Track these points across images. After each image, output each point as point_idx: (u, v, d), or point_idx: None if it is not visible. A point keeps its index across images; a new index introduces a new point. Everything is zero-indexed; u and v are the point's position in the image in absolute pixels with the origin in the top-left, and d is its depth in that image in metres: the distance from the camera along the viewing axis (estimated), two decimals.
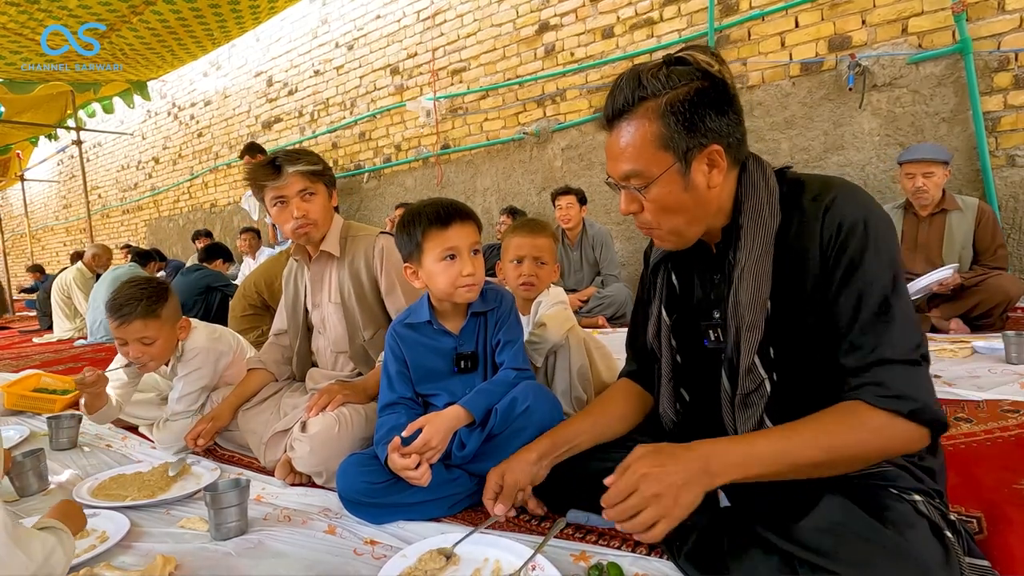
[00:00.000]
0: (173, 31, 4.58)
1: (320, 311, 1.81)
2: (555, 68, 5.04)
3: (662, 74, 0.88)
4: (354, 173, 6.63)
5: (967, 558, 0.81)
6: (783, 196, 0.92)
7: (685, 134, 0.87)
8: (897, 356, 0.82)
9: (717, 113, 0.88)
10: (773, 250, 0.90)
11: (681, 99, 0.87)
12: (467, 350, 1.38)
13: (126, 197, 10.32)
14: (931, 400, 0.82)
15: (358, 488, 1.25)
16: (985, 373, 2.02)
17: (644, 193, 0.92)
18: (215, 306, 4.15)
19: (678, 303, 1.08)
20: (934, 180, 2.77)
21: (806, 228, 0.88)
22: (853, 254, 0.85)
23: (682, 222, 0.94)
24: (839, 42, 3.75)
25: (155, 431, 1.87)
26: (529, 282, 1.68)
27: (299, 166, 1.62)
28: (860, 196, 0.90)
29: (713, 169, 0.91)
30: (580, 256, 4.16)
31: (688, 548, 0.97)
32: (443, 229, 1.28)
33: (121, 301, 1.68)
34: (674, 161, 0.89)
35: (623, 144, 0.91)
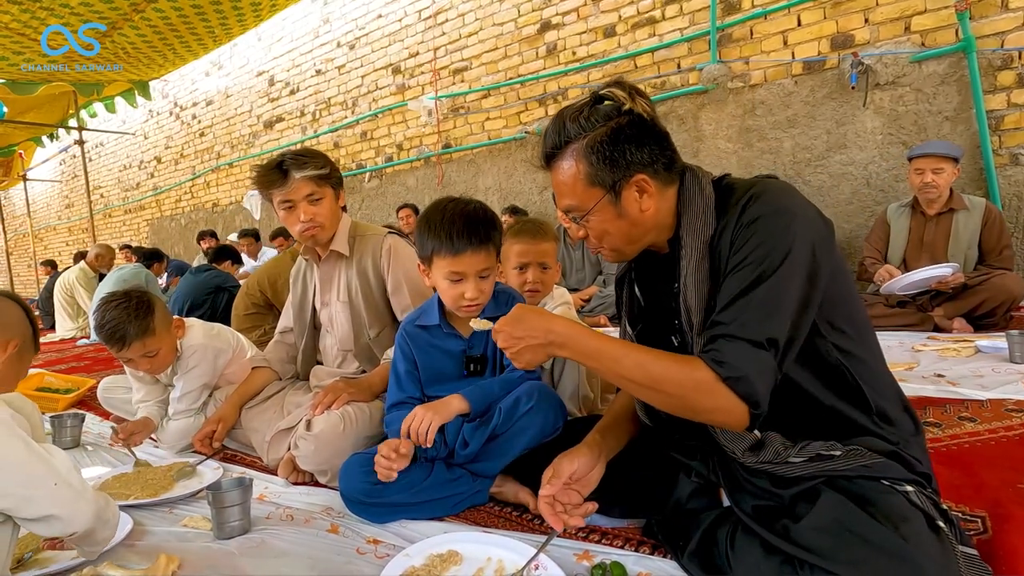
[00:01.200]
0: (175, 28, 4.57)
1: (328, 310, 1.82)
2: (557, 67, 5.03)
3: (582, 117, 0.96)
4: (356, 173, 6.63)
5: (960, 547, 0.81)
6: (717, 203, 0.98)
7: (608, 169, 0.95)
8: (742, 335, 0.85)
9: (637, 146, 0.95)
10: (708, 254, 0.96)
11: (600, 139, 0.94)
12: (476, 353, 1.38)
13: (128, 197, 10.34)
14: (754, 377, 0.84)
15: (360, 488, 1.25)
16: (989, 372, 2.01)
17: (583, 222, 1.01)
18: (222, 306, 4.14)
19: (644, 313, 1.14)
20: (943, 176, 2.75)
21: (726, 230, 0.94)
22: (742, 243, 0.90)
23: (621, 243, 1.02)
24: (842, 40, 3.74)
25: (157, 430, 1.87)
26: (535, 289, 1.67)
27: (306, 171, 1.61)
28: (776, 196, 0.92)
29: (643, 195, 0.97)
30: (582, 255, 4.16)
31: (691, 547, 0.98)
32: (453, 255, 1.25)
33: (111, 328, 1.64)
34: (604, 194, 0.97)
35: (559, 182, 1.00)
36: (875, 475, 0.88)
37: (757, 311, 0.85)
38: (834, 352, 0.92)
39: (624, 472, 1.14)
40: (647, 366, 0.90)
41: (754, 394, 0.84)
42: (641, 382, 0.90)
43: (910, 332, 2.76)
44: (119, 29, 4.39)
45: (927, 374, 2.05)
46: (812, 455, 0.92)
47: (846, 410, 0.93)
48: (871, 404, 0.93)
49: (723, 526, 0.96)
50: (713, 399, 0.86)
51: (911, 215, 2.95)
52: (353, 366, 1.80)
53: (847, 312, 0.94)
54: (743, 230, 0.90)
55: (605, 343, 0.94)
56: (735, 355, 0.85)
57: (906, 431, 0.95)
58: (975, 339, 2.44)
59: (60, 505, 0.87)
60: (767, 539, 0.86)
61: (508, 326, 0.98)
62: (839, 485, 0.87)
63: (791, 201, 0.91)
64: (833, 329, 0.92)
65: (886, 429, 0.93)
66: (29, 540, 1.22)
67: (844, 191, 3.81)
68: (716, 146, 4.28)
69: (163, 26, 4.48)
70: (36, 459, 0.87)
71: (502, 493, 1.31)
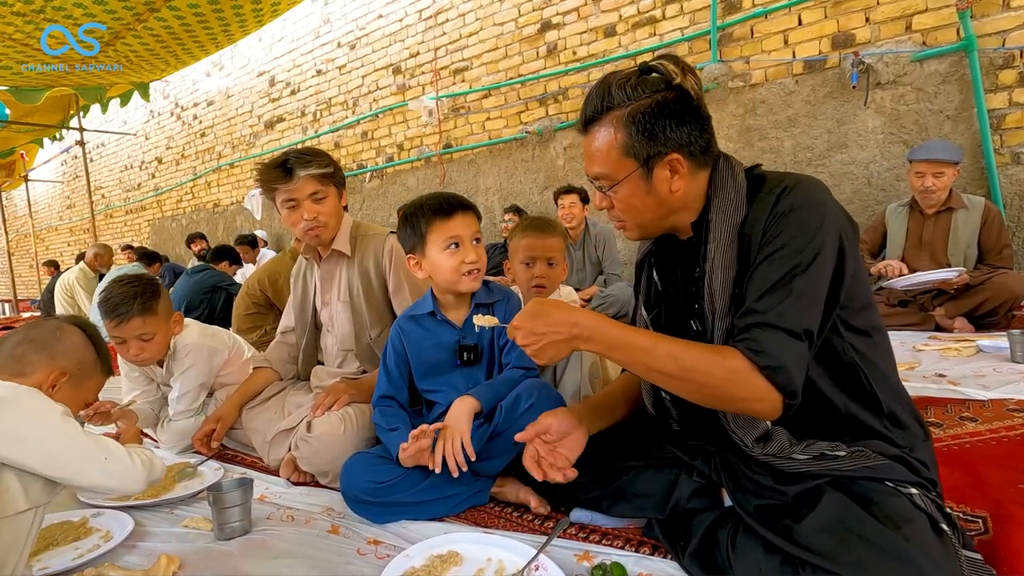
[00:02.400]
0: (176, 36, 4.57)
1: (329, 309, 1.81)
2: (557, 67, 5.03)
3: (629, 85, 0.94)
4: (356, 173, 6.63)
5: (963, 551, 0.81)
6: (748, 191, 0.97)
7: (646, 143, 0.94)
8: (780, 324, 0.84)
9: (677, 124, 0.94)
10: (737, 240, 0.95)
11: (643, 110, 0.93)
12: (470, 342, 1.39)
13: (129, 197, 10.35)
14: (792, 367, 0.83)
15: (362, 487, 1.25)
16: (990, 372, 2.01)
17: (611, 193, 1.00)
18: (219, 306, 4.15)
19: (662, 298, 1.12)
20: (944, 180, 2.75)
21: (758, 219, 0.93)
22: (777, 233, 0.89)
23: (647, 219, 1.02)
24: (842, 40, 3.74)
25: (158, 431, 1.88)
26: (540, 284, 1.68)
27: (310, 169, 1.60)
28: (811, 190, 0.91)
29: (675, 175, 0.96)
30: (583, 255, 4.15)
31: (692, 548, 0.98)
32: (446, 219, 1.32)
33: (116, 300, 1.67)
34: (636, 167, 0.96)
35: (593, 148, 0.99)
36: (879, 476, 0.87)
37: (795, 301, 0.85)
38: (850, 352, 0.92)
39: (624, 471, 1.14)
40: (680, 357, 0.88)
41: (791, 383, 0.84)
42: (673, 373, 0.89)
43: (911, 331, 2.76)
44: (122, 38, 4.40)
45: (928, 374, 2.04)
46: (816, 454, 0.92)
47: (857, 411, 0.92)
48: (883, 406, 0.92)
49: (724, 526, 0.96)
50: (749, 389, 0.85)
51: (910, 214, 2.95)
52: (354, 366, 1.80)
53: (865, 314, 0.94)
54: (778, 219, 0.90)
55: (633, 334, 0.93)
56: (772, 344, 0.84)
57: (916, 436, 0.94)
58: (976, 339, 2.44)
59: (113, 476, 0.98)
60: (768, 539, 0.85)
61: (527, 322, 0.95)
62: (842, 485, 0.87)
63: (825, 195, 0.91)
64: (850, 330, 0.92)
65: (895, 433, 0.93)
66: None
67: (845, 190, 3.80)
68: None
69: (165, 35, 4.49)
70: (90, 439, 0.98)
71: (503, 493, 1.31)
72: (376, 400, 1.41)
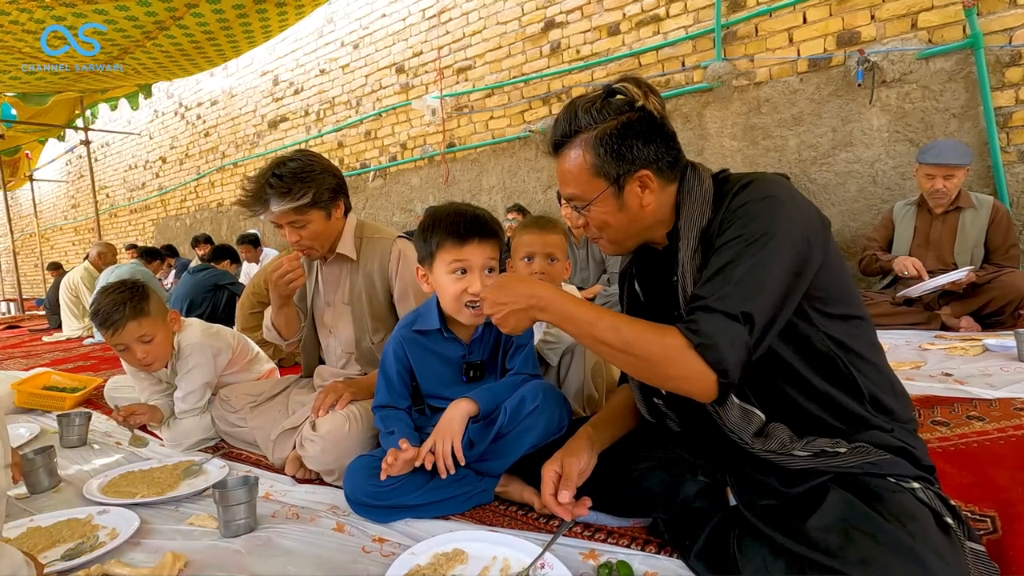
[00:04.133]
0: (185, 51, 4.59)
1: (332, 311, 1.79)
2: (561, 66, 5.02)
3: (594, 108, 0.98)
4: (360, 172, 6.64)
5: (968, 543, 0.81)
6: (714, 195, 1.00)
7: (614, 163, 0.97)
8: (718, 307, 0.86)
9: (644, 142, 0.97)
10: (702, 243, 0.97)
11: (609, 132, 0.97)
12: (476, 359, 1.37)
13: (133, 197, 10.39)
14: (724, 346, 0.85)
15: (365, 491, 1.25)
16: (997, 371, 2.00)
17: (584, 212, 1.03)
18: (222, 304, 4.16)
19: (643, 308, 1.15)
20: (954, 183, 2.74)
21: (718, 216, 0.96)
22: (728, 226, 0.92)
23: (620, 235, 1.05)
24: (848, 38, 3.72)
25: (163, 429, 1.88)
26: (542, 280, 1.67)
27: (284, 204, 1.53)
28: (765, 185, 0.94)
29: (645, 191, 1.00)
30: (586, 254, 4.14)
31: (698, 547, 0.97)
32: (459, 244, 1.24)
33: (107, 310, 1.65)
34: (607, 186, 0.99)
35: (564, 170, 1.03)
36: (881, 472, 0.88)
37: (736, 287, 0.87)
38: (827, 341, 0.94)
39: (630, 470, 1.14)
40: (621, 330, 0.92)
41: (722, 362, 0.85)
42: (614, 344, 0.92)
43: (917, 331, 2.74)
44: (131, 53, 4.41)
45: (934, 373, 2.03)
46: (817, 451, 0.92)
47: (837, 395, 0.94)
48: (863, 390, 0.94)
49: (730, 525, 0.95)
50: (683, 366, 0.87)
51: (917, 213, 2.94)
52: (356, 368, 1.79)
53: (845, 304, 0.96)
54: (730, 213, 0.93)
55: (583, 308, 0.96)
56: (709, 325, 0.86)
57: (900, 420, 0.96)
58: (983, 338, 2.43)
59: None
60: (774, 539, 0.85)
61: (492, 293, 1.03)
62: (845, 483, 0.87)
63: (780, 190, 0.93)
64: (827, 318, 0.94)
65: (880, 417, 0.94)
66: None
67: (850, 189, 3.79)
68: (721, 144, 4.27)
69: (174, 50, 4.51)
70: None
71: (507, 492, 1.31)
72: (374, 407, 1.40)
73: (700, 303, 0.89)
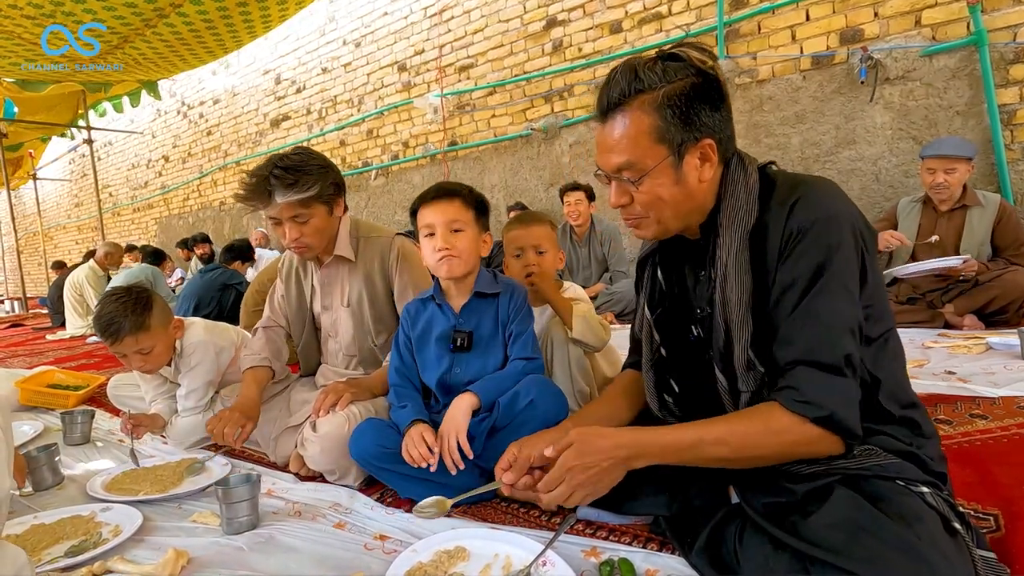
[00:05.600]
0: (185, 41, 4.60)
1: (331, 314, 1.76)
2: (563, 64, 5.02)
3: (658, 68, 0.90)
4: (362, 171, 6.64)
5: (978, 550, 0.80)
6: (760, 194, 0.94)
7: (681, 127, 0.90)
8: (819, 359, 0.83)
9: (711, 108, 0.90)
10: (748, 247, 0.92)
11: (678, 93, 0.89)
12: (465, 328, 1.40)
13: (137, 195, 10.41)
14: (842, 409, 0.83)
15: (371, 451, 1.30)
16: (1001, 369, 1.99)
17: (637, 185, 0.94)
18: (229, 304, 4.16)
19: (664, 298, 1.10)
20: (956, 176, 2.73)
21: (770, 228, 0.90)
22: (796, 257, 0.87)
23: (669, 214, 0.96)
24: (851, 35, 3.71)
25: (167, 427, 1.89)
26: (531, 272, 1.67)
27: (290, 196, 1.50)
28: (824, 198, 0.89)
29: (704, 163, 0.93)
30: (589, 252, 4.14)
31: (699, 544, 0.97)
32: (424, 206, 1.37)
33: (107, 320, 1.65)
34: (668, 154, 0.91)
35: (618, 136, 0.93)
36: (889, 475, 0.86)
37: (826, 331, 0.83)
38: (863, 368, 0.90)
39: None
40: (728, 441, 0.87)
41: (845, 424, 0.83)
42: (729, 458, 0.88)
43: (920, 329, 2.74)
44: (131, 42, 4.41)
45: (938, 371, 2.03)
46: None
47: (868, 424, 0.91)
48: (894, 416, 0.92)
49: (731, 523, 0.95)
50: (805, 444, 0.84)
51: (923, 210, 2.92)
52: (358, 371, 1.78)
53: (882, 322, 0.93)
54: (794, 242, 0.87)
55: (677, 434, 0.90)
56: (814, 389, 0.83)
57: (923, 435, 0.93)
58: (986, 336, 2.42)
59: None
60: (777, 536, 0.84)
61: (574, 458, 0.91)
62: (852, 484, 0.86)
63: (840, 204, 0.89)
64: (865, 344, 0.91)
65: (900, 431, 0.92)
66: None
67: (853, 187, 3.77)
68: None
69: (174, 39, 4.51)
70: None
71: None
72: (391, 376, 1.47)
73: (794, 356, 0.85)
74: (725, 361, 0.96)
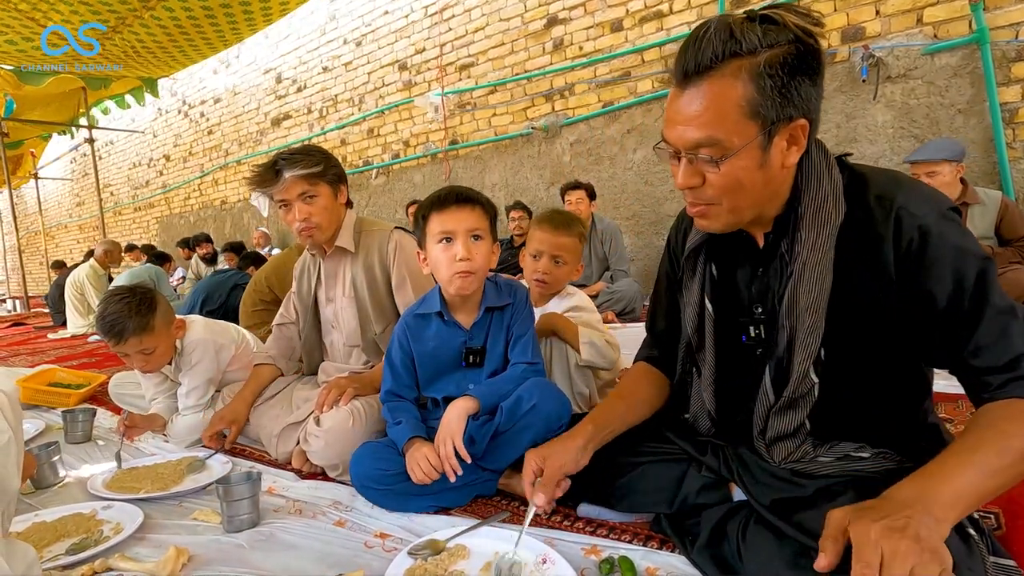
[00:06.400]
0: (184, 30, 4.59)
1: (334, 305, 1.81)
2: (564, 62, 5.01)
3: (757, 29, 0.76)
4: (363, 169, 6.64)
5: (992, 557, 0.79)
6: (845, 189, 0.84)
7: (779, 102, 0.77)
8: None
9: (811, 82, 0.78)
10: (835, 247, 0.83)
11: (780, 60, 0.76)
12: (476, 345, 1.37)
13: (138, 194, 10.42)
14: None
15: (371, 475, 1.27)
16: None
17: (718, 165, 0.80)
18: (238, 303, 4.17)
19: (718, 295, 1.01)
20: (940, 179, 2.72)
21: (872, 228, 0.81)
22: (934, 261, 0.79)
23: (746, 202, 0.84)
24: (852, 33, 3.70)
25: (168, 425, 1.89)
26: (542, 280, 1.66)
27: (296, 170, 1.58)
28: (927, 194, 0.83)
29: (792, 147, 0.81)
30: (589, 251, 4.14)
31: (701, 542, 0.96)
32: (440, 211, 1.26)
33: (111, 321, 1.65)
34: (758, 133, 0.78)
35: (702, 106, 0.79)
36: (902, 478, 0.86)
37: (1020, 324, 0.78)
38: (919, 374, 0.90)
39: (632, 465, 1.13)
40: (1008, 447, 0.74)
41: None
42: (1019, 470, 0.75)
43: None
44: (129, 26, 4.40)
45: (939, 369, 2.02)
46: (841, 455, 0.90)
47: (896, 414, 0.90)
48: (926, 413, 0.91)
49: (733, 520, 0.95)
50: None
51: None
52: (361, 361, 1.80)
53: None
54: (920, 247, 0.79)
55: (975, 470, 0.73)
56: None
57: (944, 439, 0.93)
58: None
59: None
60: (784, 530, 0.84)
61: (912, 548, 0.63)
62: (863, 486, 0.85)
63: (941, 197, 0.83)
64: None
65: (927, 437, 0.92)
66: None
67: None
68: None
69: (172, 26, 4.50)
70: None
71: (510, 486, 1.31)
72: (383, 396, 1.41)
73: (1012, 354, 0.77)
74: (780, 367, 0.91)
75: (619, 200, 4.80)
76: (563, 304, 1.70)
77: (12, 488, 0.82)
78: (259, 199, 7.12)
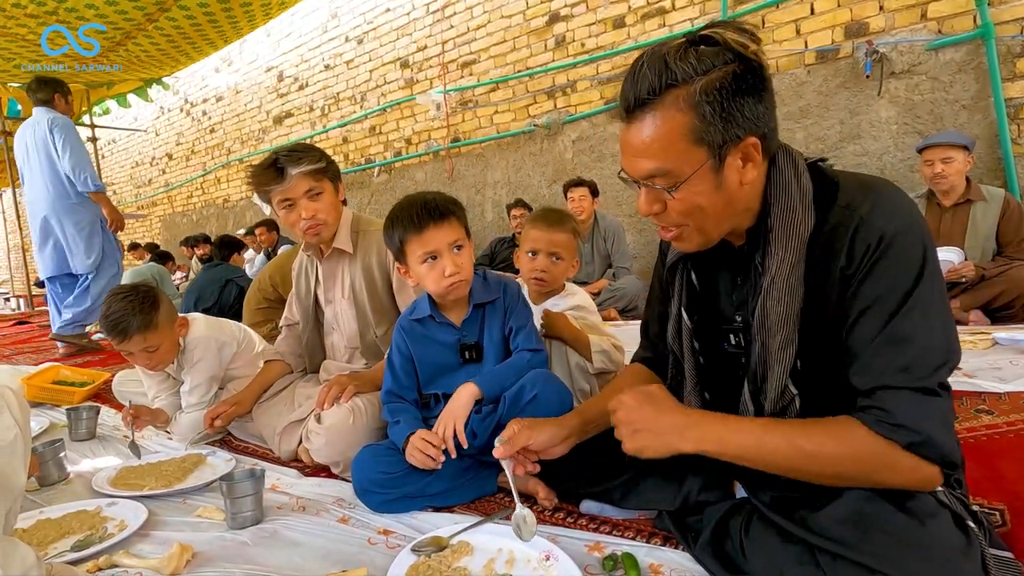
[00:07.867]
0: (186, 34, 4.60)
1: (333, 307, 1.79)
2: (566, 59, 5.00)
3: (691, 56, 0.77)
4: (365, 167, 6.64)
5: (991, 549, 0.79)
6: (815, 197, 0.83)
7: (721, 125, 0.78)
8: (906, 383, 0.76)
9: (755, 100, 0.79)
10: (805, 259, 0.83)
11: (716, 85, 0.76)
12: (470, 341, 1.38)
13: (140, 193, 10.44)
14: (939, 434, 0.75)
15: (372, 478, 1.26)
16: (1007, 365, 1.98)
17: (673, 194, 0.82)
18: (231, 300, 4.18)
19: (699, 303, 1.02)
20: (954, 166, 2.71)
21: (835, 238, 0.81)
22: (883, 272, 0.78)
23: (710, 223, 0.85)
24: (856, 28, 3.68)
25: (171, 423, 1.90)
26: (540, 278, 1.66)
27: (302, 166, 1.55)
28: (897, 206, 0.81)
29: (747, 164, 0.82)
30: (592, 249, 4.13)
31: (704, 538, 0.96)
32: (419, 233, 1.26)
33: (115, 319, 1.66)
34: (708, 157, 0.79)
35: (647, 139, 0.80)
36: None
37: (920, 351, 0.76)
38: None
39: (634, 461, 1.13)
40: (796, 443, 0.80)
41: (943, 454, 0.76)
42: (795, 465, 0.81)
43: None
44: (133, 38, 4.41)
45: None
46: None
47: None
48: None
49: (736, 516, 0.95)
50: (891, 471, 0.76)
51: (927, 206, 2.91)
52: (362, 363, 1.79)
53: None
54: (873, 256, 0.78)
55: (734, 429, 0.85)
56: (906, 410, 0.75)
57: None
58: (992, 331, 2.40)
59: None
60: (786, 528, 0.84)
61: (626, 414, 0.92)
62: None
63: (911, 211, 0.81)
64: None
65: None
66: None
67: None
68: None
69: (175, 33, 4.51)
70: None
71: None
72: (384, 397, 1.42)
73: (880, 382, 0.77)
74: (755, 380, 0.91)
75: (622, 197, 4.79)
76: (563, 303, 1.69)
77: (19, 485, 0.83)
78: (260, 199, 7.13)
